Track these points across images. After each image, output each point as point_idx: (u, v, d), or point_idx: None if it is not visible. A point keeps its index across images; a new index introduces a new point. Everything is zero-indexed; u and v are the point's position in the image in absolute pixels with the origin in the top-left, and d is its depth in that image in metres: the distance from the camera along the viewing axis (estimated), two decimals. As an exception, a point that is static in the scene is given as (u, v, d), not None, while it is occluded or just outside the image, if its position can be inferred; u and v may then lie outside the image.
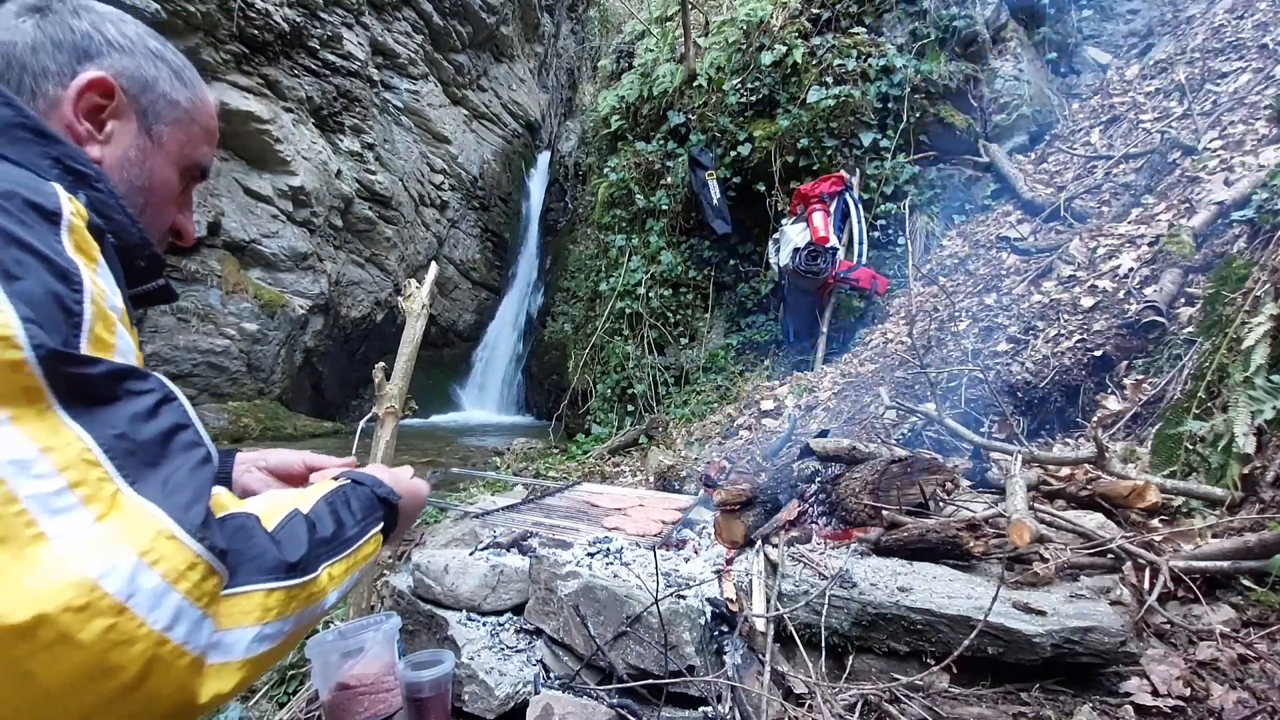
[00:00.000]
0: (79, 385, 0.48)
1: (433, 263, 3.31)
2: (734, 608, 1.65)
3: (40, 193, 0.54)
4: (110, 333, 0.54)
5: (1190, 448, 2.26)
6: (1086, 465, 2.32)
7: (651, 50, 7.47)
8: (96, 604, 0.42)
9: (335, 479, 0.81)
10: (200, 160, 0.81)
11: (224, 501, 0.63)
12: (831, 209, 5.20)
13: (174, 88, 0.78)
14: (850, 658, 1.58)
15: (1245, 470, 2.02)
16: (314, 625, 0.68)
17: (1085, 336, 3.32)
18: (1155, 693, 1.38)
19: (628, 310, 6.60)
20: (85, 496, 0.45)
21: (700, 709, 1.46)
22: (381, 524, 0.78)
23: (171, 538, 0.48)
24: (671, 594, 1.57)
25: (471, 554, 1.99)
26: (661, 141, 6.79)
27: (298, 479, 0.94)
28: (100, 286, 0.54)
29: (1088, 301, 3.56)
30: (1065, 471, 2.41)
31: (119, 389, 0.51)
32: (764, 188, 6.08)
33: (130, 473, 0.48)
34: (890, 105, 5.69)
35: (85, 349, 0.50)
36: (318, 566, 0.64)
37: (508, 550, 2.02)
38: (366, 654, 1.10)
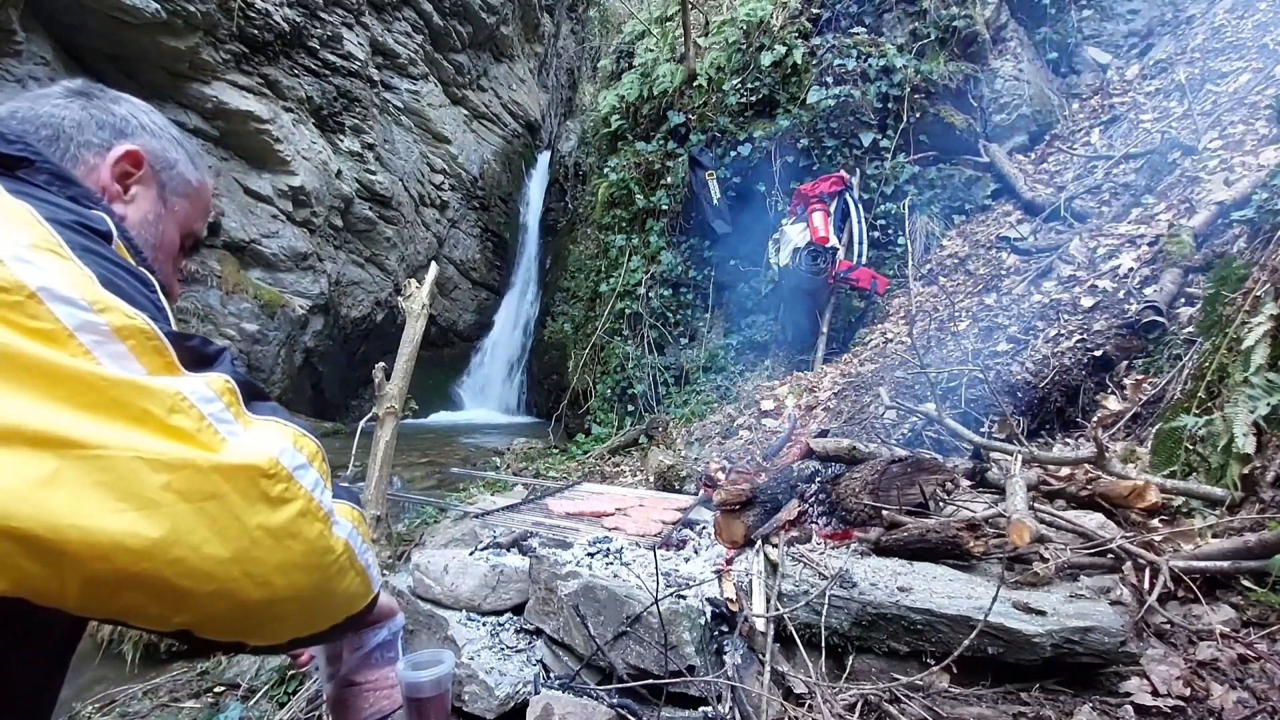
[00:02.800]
0: (195, 353, 0.63)
1: (433, 263, 3.31)
2: (734, 608, 1.66)
3: (92, 219, 0.67)
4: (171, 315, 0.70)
5: (1190, 447, 2.26)
6: (1086, 465, 2.31)
7: (651, 50, 7.47)
8: (280, 472, 0.58)
9: None
10: (197, 230, 0.99)
11: None
12: (831, 209, 5.20)
13: (188, 169, 0.95)
14: (850, 658, 1.58)
15: (1245, 470, 2.02)
16: (338, 587, 0.76)
17: (1085, 336, 3.32)
18: (1155, 693, 1.38)
19: (628, 310, 6.60)
20: (235, 414, 0.60)
21: (700, 709, 1.46)
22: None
23: (301, 435, 0.64)
24: (671, 594, 1.57)
25: (471, 554, 1.99)
26: (661, 141, 6.79)
27: None
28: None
29: (1088, 301, 3.56)
30: (1065, 471, 2.41)
31: (210, 350, 0.66)
32: (764, 188, 6.08)
33: (247, 400, 0.63)
34: (890, 105, 5.69)
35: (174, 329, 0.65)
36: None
37: (508, 550, 2.02)
38: (372, 650, 1.10)
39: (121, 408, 0.52)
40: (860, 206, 5.35)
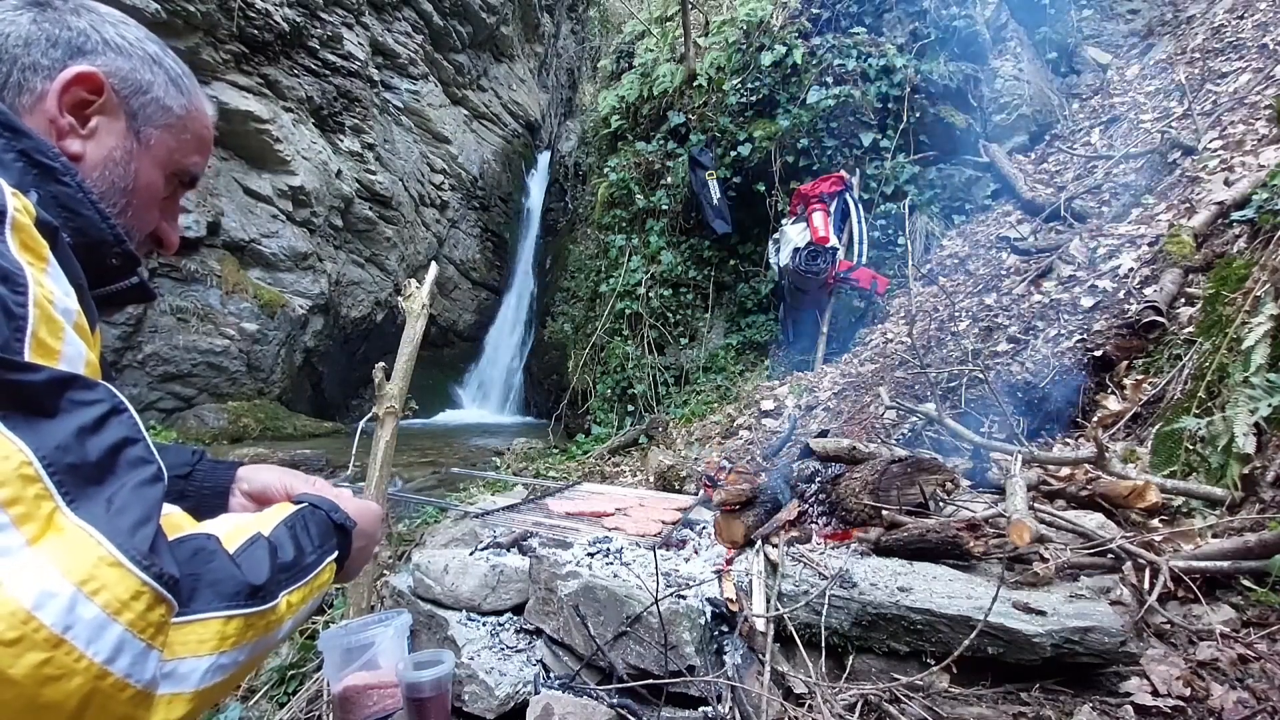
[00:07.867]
0: (17, 394, 0.44)
1: (433, 263, 3.31)
2: (734, 608, 1.65)
3: None
4: (57, 338, 0.50)
5: (1190, 447, 2.26)
6: (1086, 465, 2.32)
7: (651, 50, 7.47)
8: (30, 637, 0.39)
9: (294, 500, 0.79)
10: (189, 168, 0.82)
11: (179, 522, 0.60)
12: (831, 209, 5.20)
13: (169, 94, 0.78)
14: (850, 658, 1.58)
15: (1245, 470, 2.02)
16: (265, 657, 0.68)
17: (1085, 336, 3.32)
18: (1155, 693, 1.38)
19: (628, 310, 6.60)
20: (18, 516, 0.41)
21: (700, 709, 1.46)
22: (336, 552, 0.75)
23: (115, 564, 0.44)
24: (671, 594, 1.57)
25: (471, 554, 1.99)
26: (661, 141, 6.79)
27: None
28: (48, 289, 0.51)
29: (1088, 301, 3.56)
30: (1065, 471, 2.41)
31: (62, 399, 0.47)
32: (764, 188, 6.09)
33: (71, 491, 0.44)
34: (890, 105, 5.69)
35: (27, 355, 0.46)
36: (278, 594, 0.61)
37: (508, 550, 2.02)
38: (378, 649, 1.11)
39: None
40: (860, 206, 5.35)
